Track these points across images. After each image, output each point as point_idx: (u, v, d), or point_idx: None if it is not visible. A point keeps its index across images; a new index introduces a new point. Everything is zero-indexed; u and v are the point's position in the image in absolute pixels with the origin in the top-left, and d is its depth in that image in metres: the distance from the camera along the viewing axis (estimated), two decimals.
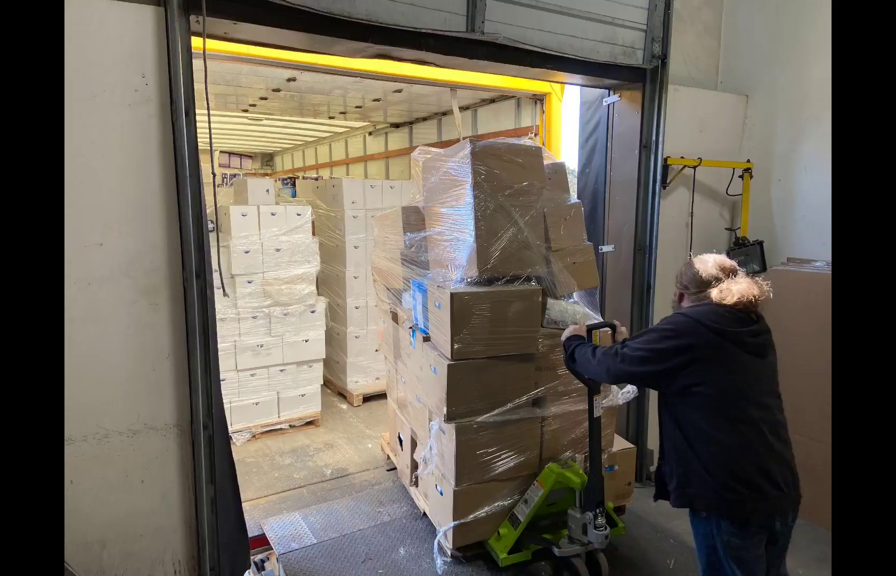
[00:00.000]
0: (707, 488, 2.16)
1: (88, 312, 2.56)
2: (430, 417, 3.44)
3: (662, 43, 3.88)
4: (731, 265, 2.36)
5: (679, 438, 2.24)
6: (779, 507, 2.15)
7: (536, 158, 3.39)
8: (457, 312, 3.02)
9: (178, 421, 2.80)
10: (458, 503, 3.17)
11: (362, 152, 9.66)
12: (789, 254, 4.27)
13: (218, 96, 6.28)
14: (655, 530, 3.73)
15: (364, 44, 3.05)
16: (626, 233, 4.23)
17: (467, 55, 3.31)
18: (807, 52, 4.13)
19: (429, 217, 3.62)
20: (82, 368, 2.57)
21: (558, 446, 3.38)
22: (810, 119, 4.13)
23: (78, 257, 2.51)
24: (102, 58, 2.48)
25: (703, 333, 2.16)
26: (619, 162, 4.28)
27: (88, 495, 2.65)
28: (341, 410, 5.83)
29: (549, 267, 3.34)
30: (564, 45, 3.52)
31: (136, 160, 2.58)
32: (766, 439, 2.14)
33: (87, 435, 2.62)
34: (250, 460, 4.69)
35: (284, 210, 5.11)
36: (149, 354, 2.70)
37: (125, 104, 2.53)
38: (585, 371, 2.62)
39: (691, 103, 4.29)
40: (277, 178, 13.17)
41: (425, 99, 6.43)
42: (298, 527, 3.68)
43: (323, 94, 6.22)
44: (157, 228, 2.65)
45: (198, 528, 2.87)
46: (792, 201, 4.28)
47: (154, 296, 2.68)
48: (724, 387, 2.14)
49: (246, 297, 4.97)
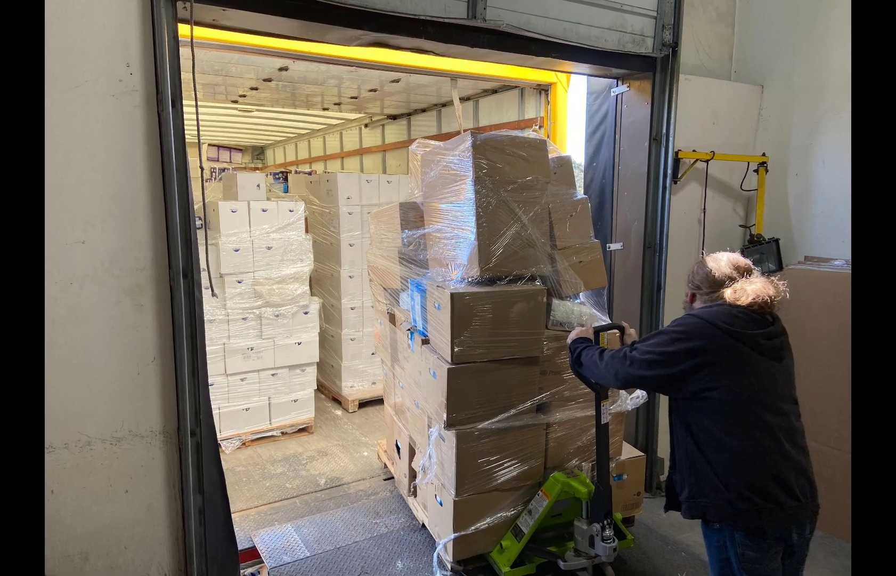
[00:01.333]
0: (720, 497, 2.16)
1: (70, 312, 2.56)
2: (429, 423, 3.44)
3: (673, 30, 3.88)
4: (745, 264, 2.36)
5: (691, 445, 2.24)
6: (796, 517, 2.15)
7: (541, 152, 3.39)
8: (457, 314, 3.02)
9: (164, 428, 2.80)
10: (458, 514, 3.17)
11: (358, 145, 9.66)
12: (807, 252, 4.27)
13: (206, 86, 6.28)
14: (666, 542, 3.74)
15: (359, 31, 3.05)
16: (635, 230, 4.23)
17: (468, 43, 3.32)
18: (825, 39, 4.13)
19: (428, 213, 3.62)
20: (63, 372, 2.57)
21: (564, 454, 3.39)
22: (829, 110, 4.13)
23: (59, 255, 2.51)
24: (85, 46, 2.48)
25: (716, 335, 2.16)
26: (627, 155, 4.28)
27: (70, 505, 2.65)
28: (336, 416, 5.83)
29: (553, 266, 3.34)
30: (570, 32, 3.52)
31: (121, 153, 2.58)
32: (782, 447, 2.14)
33: (68, 442, 2.62)
34: (240, 469, 4.69)
35: (276, 206, 5.11)
36: (133, 357, 2.70)
37: (109, 95, 2.53)
38: (592, 375, 2.62)
39: (704, 94, 4.29)
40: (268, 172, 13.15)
41: (424, 89, 6.43)
42: (290, 539, 3.68)
43: (316, 85, 6.21)
44: (143, 224, 2.65)
45: (185, 540, 2.87)
46: (809, 197, 4.28)
47: (139, 296, 2.68)
48: (738, 392, 2.14)
49: (235, 297, 4.97)
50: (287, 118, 9.39)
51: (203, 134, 3.06)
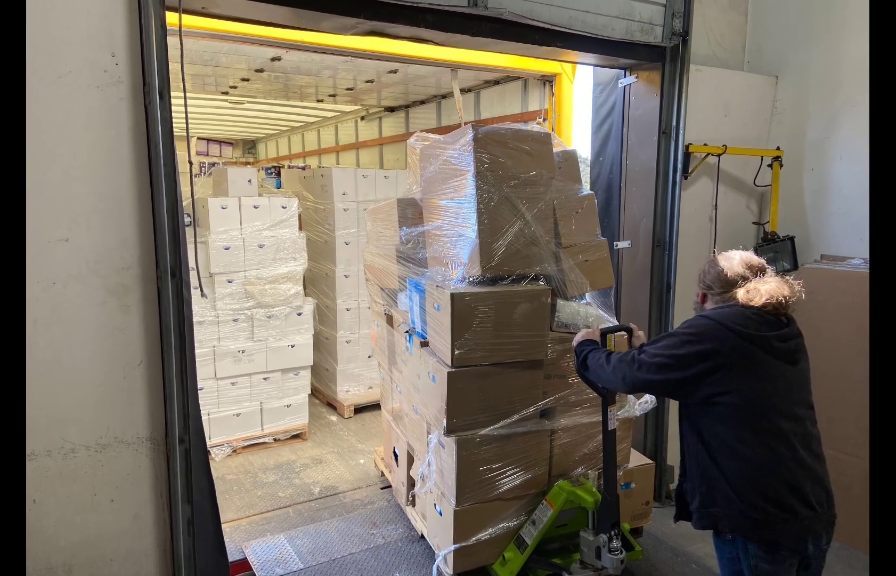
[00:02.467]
0: (732, 507, 2.17)
1: (53, 313, 2.56)
2: (428, 429, 3.44)
3: (684, 18, 3.88)
4: (758, 263, 2.37)
5: (702, 452, 2.25)
6: (811, 528, 2.15)
7: (545, 146, 3.39)
8: (457, 315, 3.02)
9: (151, 434, 2.80)
10: (458, 524, 3.18)
11: (354, 139, 9.67)
12: (823, 250, 4.27)
13: (195, 77, 6.28)
14: (676, 553, 3.74)
15: (355, 19, 3.05)
16: (643, 227, 4.23)
17: (469, 32, 3.32)
18: (842, 28, 4.13)
19: (427, 210, 3.63)
20: (46, 376, 2.57)
21: (569, 461, 3.39)
22: (846, 102, 4.13)
23: (41, 254, 2.51)
24: (68, 35, 2.47)
25: (729, 337, 2.16)
26: (636, 149, 4.29)
27: (52, 515, 2.65)
28: (331, 422, 5.84)
29: (558, 265, 3.34)
30: (575, 20, 3.53)
31: (106, 147, 2.58)
32: (797, 454, 2.15)
33: (51, 449, 2.62)
34: (231, 477, 4.69)
35: (268, 202, 5.11)
36: (119, 360, 2.70)
37: (93, 86, 2.53)
38: (599, 379, 2.63)
39: (715, 85, 4.29)
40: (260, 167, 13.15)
41: (423, 80, 6.44)
42: (283, 550, 3.68)
43: (310, 75, 6.22)
44: (129, 222, 2.65)
45: (173, 551, 2.87)
46: (826, 193, 4.28)
47: (125, 296, 2.68)
48: (751, 397, 2.14)
49: (226, 297, 4.97)
50: (280, 110, 9.40)
51: (192, 127, 3.06)
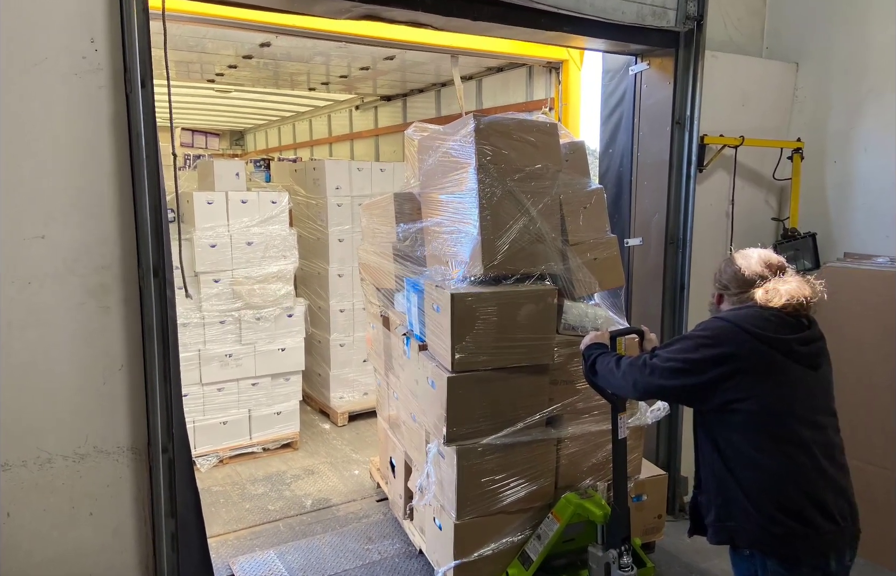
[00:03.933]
0: (750, 520, 2.17)
1: (28, 315, 2.56)
2: (427, 438, 3.44)
3: (698, 1, 3.88)
4: (778, 262, 2.36)
5: (718, 463, 2.25)
6: (834, 544, 2.15)
7: (551, 137, 3.39)
8: (458, 316, 3.02)
9: (132, 443, 2.80)
10: (459, 539, 3.18)
11: (348, 130, 9.67)
12: (846, 248, 4.27)
13: (179, 64, 6.28)
14: (690, 570, 3.74)
15: (349, 3, 3.05)
16: (655, 223, 4.23)
17: (470, 16, 3.32)
18: (866, 14, 4.13)
19: (425, 205, 3.63)
20: (20, 382, 2.57)
21: (577, 472, 3.39)
22: (871, 91, 4.13)
23: (16, 252, 2.51)
24: (44, 20, 2.47)
25: (746, 340, 2.16)
26: (647, 141, 4.29)
27: (28, 528, 2.65)
28: (323, 430, 5.84)
29: (565, 263, 3.34)
30: (583, 3, 3.52)
31: (85, 139, 2.58)
32: (818, 464, 2.14)
33: (26, 459, 2.62)
34: (217, 489, 4.69)
35: (257, 197, 5.11)
36: (99, 364, 2.70)
37: (71, 73, 2.53)
38: (608, 385, 2.63)
39: (732, 72, 4.29)
40: (249, 159, 13.18)
41: (421, 67, 6.44)
42: (273, 567, 3.69)
43: (301, 62, 6.22)
44: (109, 218, 2.65)
45: (156, 568, 2.87)
46: (850, 187, 4.28)
47: (105, 297, 2.68)
48: (770, 403, 2.14)
49: (212, 298, 4.97)
50: (269, 99, 9.40)
51: (176, 117, 3.06)
